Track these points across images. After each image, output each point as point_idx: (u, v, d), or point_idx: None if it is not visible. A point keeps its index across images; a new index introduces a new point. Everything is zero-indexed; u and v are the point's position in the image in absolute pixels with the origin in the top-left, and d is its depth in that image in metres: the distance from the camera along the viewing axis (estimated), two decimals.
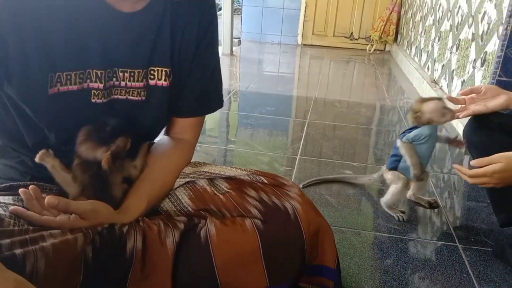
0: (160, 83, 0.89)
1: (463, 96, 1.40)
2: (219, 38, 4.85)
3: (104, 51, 0.81)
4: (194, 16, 0.90)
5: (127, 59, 0.84)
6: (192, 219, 0.90)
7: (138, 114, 0.90)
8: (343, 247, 1.25)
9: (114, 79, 0.84)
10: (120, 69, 0.84)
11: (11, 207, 0.75)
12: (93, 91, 0.82)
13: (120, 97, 0.86)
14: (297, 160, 1.88)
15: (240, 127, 2.43)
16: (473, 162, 1.19)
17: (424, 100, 1.34)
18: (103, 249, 0.78)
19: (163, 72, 0.88)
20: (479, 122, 1.40)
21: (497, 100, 1.29)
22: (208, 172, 0.98)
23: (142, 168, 0.91)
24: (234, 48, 4.74)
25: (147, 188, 0.89)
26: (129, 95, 0.87)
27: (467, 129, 1.47)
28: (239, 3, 6.18)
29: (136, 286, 0.79)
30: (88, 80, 0.81)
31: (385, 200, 1.44)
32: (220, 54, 4.53)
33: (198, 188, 0.96)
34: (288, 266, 0.87)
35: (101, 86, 0.82)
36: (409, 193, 1.48)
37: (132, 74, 0.85)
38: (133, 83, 0.86)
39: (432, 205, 1.49)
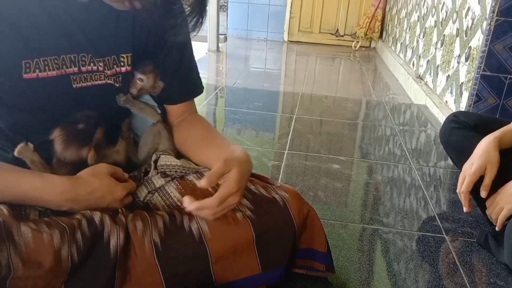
0: (129, 68, 0.91)
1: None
2: (205, 35, 4.74)
3: (73, 37, 0.81)
4: None
5: (96, 46, 0.85)
6: (174, 215, 0.88)
7: (115, 99, 0.93)
8: (332, 240, 1.25)
9: (92, 64, 0.85)
10: (91, 55, 0.85)
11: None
12: (71, 76, 0.83)
13: (99, 82, 0.88)
14: (285, 154, 1.88)
15: (228, 122, 2.42)
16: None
17: None
18: (87, 249, 0.77)
19: (129, 58, 0.90)
20: (455, 122, 1.41)
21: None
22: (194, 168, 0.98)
23: (125, 151, 0.93)
24: (220, 45, 4.71)
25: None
26: (108, 80, 0.89)
27: (444, 130, 1.48)
28: None
29: (123, 282, 0.79)
30: (65, 66, 0.81)
31: None
32: (206, 51, 4.53)
33: (188, 182, 0.95)
34: (280, 252, 0.89)
35: (76, 70, 0.83)
36: None
37: (106, 61, 0.87)
38: (108, 71, 0.88)
39: None
